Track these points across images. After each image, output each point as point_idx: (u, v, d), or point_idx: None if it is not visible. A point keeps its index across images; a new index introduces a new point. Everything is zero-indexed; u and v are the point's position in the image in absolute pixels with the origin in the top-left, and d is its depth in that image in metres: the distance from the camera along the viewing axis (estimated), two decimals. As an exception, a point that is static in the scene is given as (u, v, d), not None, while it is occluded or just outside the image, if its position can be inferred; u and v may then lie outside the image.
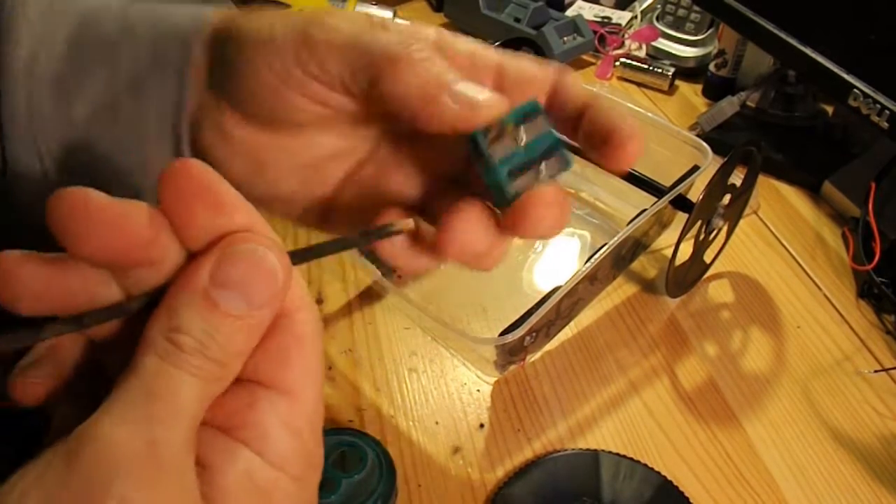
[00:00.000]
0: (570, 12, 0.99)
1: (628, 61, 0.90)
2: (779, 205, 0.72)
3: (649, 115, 0.64)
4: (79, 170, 0.31)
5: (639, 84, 0.90)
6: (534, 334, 0.49)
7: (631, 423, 0.51)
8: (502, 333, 0.46)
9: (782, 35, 0.66)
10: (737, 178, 0.55)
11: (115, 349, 0.22)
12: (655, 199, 0.57)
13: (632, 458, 0.47)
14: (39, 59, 0.29)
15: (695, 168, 0.58)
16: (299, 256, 0.21)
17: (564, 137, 0.25)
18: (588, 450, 0.47)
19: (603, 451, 0.47)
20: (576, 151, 0.25)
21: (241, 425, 0.19)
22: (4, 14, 0.29)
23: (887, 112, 0.57)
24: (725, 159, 0.52)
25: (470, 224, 0.25)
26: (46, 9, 0.30)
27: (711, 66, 0.85)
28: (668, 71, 0.88)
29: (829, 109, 0.80)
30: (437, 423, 0.50)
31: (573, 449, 0.48)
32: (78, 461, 0.17)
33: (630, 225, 0.53)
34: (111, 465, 0.17)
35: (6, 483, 0.17)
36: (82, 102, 0.29)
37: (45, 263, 0.19)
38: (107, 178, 0.31)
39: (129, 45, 0.29)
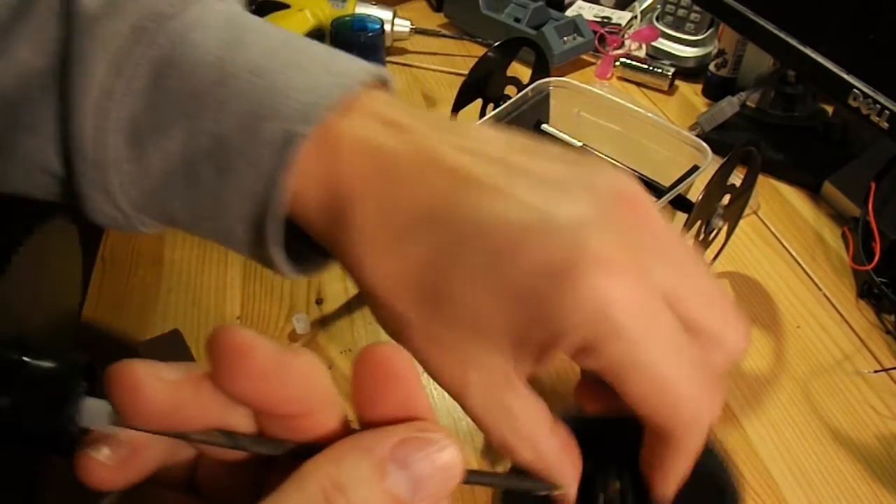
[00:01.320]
0: (570, 12, 0.99)
1: (628, 61, 0.90)
2: (779, 205, 0.72)
3: (649, 115, 0.64)
4: (157, 219, 0.29)
5: (639, 84, 0.90)
6: (534, 334, 0.49)
7: (631, 423, 0.51)
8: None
9: (782, 35, 0.66)
10: (737, 178, 0.55)
11: (214, 473, 0.22)
12: (655, 200, 0.57)
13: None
14: (114, 94, 0.26)
15: (695, 168, 0.58)
16: (473, 478, 0.21)
17: None
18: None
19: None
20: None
21: None
22: (77, 31, 0.26)
23: (887, 112, 0.57)
24: (725, 159, 0.52)
25: None
26: (130, 28, 0.26)
27: (711, 66, 0.85)
28: (668, 71, 0.88)
29: (829, 109, 0.80)
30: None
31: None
32: None
33: (630, 225, 0.53)
34: None
35: None
36: (158, 155, 0.26)
37: (175, 383, 0.19)
38: (187, 230, 0.29)
39: (215, 107, 0.26)
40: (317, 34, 0.91)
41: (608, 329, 0.21)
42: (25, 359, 0.19)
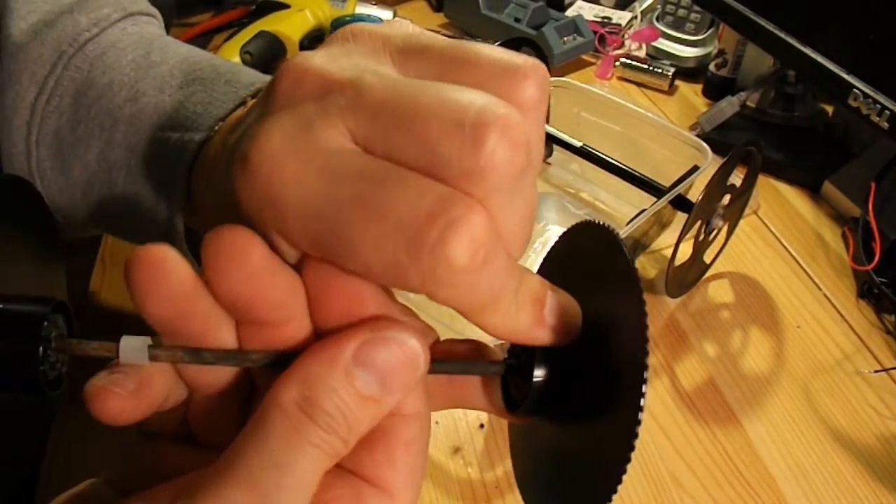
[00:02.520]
0: (570, 12, 0.99)
1: (628, 61, 0.90)
2: (779, 205, 0.72)
3: (649, 115, 0.64)
4: (84, 222, 0.32)
5: (639, 84, 0.90)
6: (534, 334, 0.49)
7: (631, 423, 0.51)
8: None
9: (782, 35, 0.66)
10: (737, 178, 0.55)
11: (203, 398, 0.22)
12: (655, 200, 0.57)
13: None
14: (41, 112, 0.29)
15: (695, 168, 0.58)
16: (440, 367, 0.21)
17: None
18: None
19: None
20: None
21: None
22: (8, 57, 0.29)
23: (887, 112, 0.57)
24: (725, 159, 0.52)
25: None
26: (52, 53, 0.29)
27: (711, 66, 0.85)
28: (668, 71, 0.88)
29: (829, 109, 0.80)
30: (437, 423, 0.50)
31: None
32: None
33: (629, 225, 0.53)
34: None
35: None
36: (79, 165, 0.29)
37: (194, 276, 0.19)
38: (109, 232, 0.33)
39: (127, 121, 0.29)
40: (317, 34, 0.91)
41: (277, 218, 0.19)
42: None
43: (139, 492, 0.19)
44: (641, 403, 0.19)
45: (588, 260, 0.24)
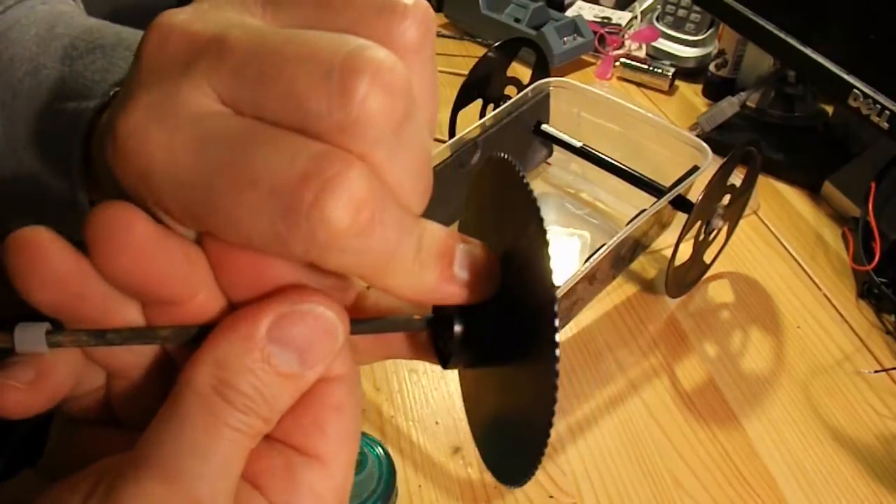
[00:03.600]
0: (570, 12, 0.99)
1: (628, 61, 0.90)
2: (779, 205, 0.72)
3: (649, 115, 0.64)
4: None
5: (639, 84, 0.90)
6: (534, 334, 0.49)
7: (631, 422, 0.51)
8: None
9: (782, 35, 0.66)
10: (737, 179, 0.55)
11: (123, 381, 0.21)
12: (655, 200, 0.57)
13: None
14: None
15: (695, 168, 0.58)
16: (359, 327, 0.20)
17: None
18: None
19: None
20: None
21: (274, 488, 0.19)
22: None
23: (887, 112, 0.57)
24: (725, 159, 0.52)
25: None
26: None
27: (711, 66, 0.85)
28: (668, 71, 0.88)
29: (829, 109, 0.80)
30: (437, 423, 0.50)
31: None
32: None
33: (629, 225, 0.53)
34: None
35: None
36: None
37: (77, 255, 0.18)
38: (20, 213, 0.32)
39: (27, 95, 0.28)
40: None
41: (152, 193, 0.18)
42: None
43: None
44: (556, 338, 0.18)
45: (499, 200, 0.22)
